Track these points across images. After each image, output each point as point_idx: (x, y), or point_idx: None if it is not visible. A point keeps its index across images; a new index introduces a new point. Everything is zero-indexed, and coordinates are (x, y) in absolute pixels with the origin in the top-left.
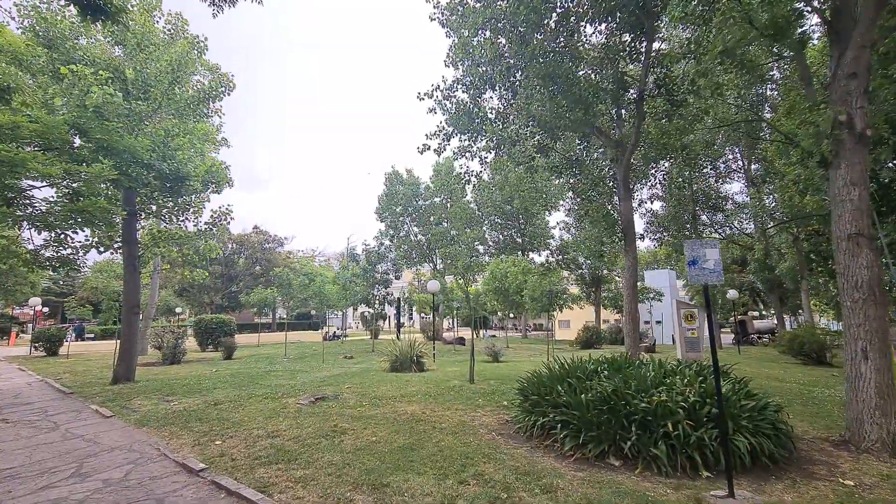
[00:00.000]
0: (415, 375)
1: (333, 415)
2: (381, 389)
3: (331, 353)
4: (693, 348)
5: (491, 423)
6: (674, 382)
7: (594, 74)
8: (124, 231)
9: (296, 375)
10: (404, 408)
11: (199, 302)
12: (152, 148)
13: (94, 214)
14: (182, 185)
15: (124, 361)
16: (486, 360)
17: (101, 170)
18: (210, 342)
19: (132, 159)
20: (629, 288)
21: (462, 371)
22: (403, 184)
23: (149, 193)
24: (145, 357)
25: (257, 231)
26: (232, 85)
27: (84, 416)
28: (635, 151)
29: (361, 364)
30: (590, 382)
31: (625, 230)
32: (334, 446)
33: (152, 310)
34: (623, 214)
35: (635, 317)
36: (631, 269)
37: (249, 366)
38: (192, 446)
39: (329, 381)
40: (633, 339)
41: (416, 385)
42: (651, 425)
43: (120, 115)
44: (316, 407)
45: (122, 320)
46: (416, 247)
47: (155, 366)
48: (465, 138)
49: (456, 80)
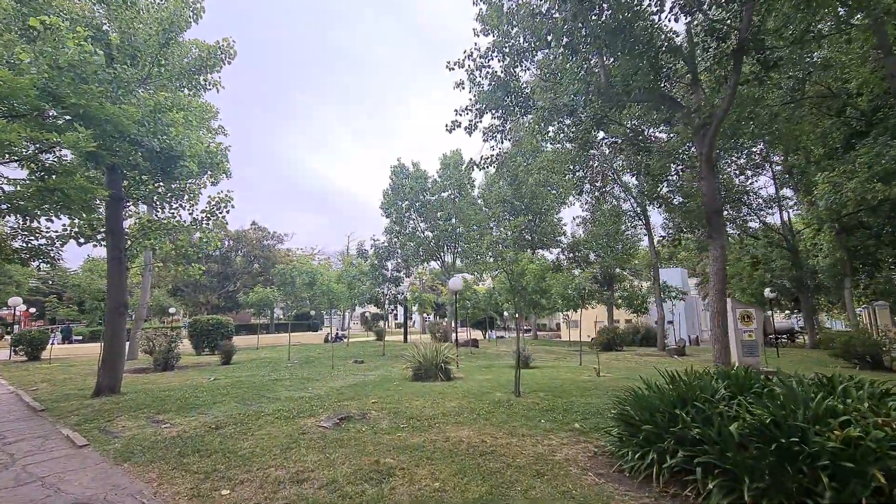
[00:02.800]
0: (445, 386)
1: (368, 443)
2: (413, 405)
3: (339, 358)
4: (750, 352)
5: (577, 456)
6: (854, 407)
7: (674, 22)
8: (108, 219)
9: (306, 385)
10: (455, 433)
11: (193, 302)
12: (140, 121)
13: (69, 196)
14: (175, 167)
15: (108, 370)
16: (514, 365)
17: (76, 139)
18: (206, 345)
19: (116, 132)
20: (718, 283)
21: (496, 379)
22: (409, 177)
23: (137, 176)
24: (135, 362)
25: (255, 227)
26: (232, 52)
27: (51, 444)
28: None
29: (376, 370)
30: (722, 407)
31: (709, 214)
32: (385, 498)
33: (143, 310)
34: (707, 196)
35: (725, 318)
36: (719, 262)
37: (251, 372)
38: (189, 498)
39: (347, 392)
40: (723, 344)
41: (452, 399)
42: (847, 475)
43: (101, 80)
44: (343, 431)
45: (105, 322)
46: (423, 243)
47: (145, 373)
48: (498, 115)
49: (492, 47)
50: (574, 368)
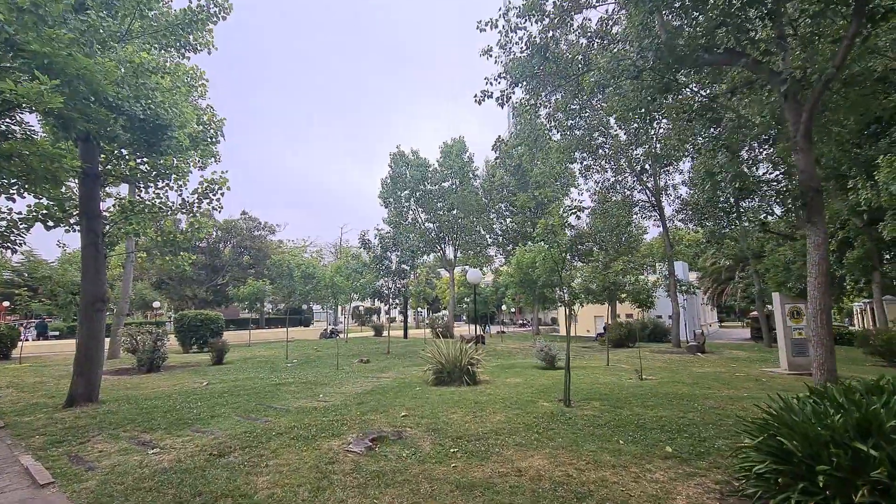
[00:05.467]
0: (475, 392)
1: (419, 479)
2: (452, 419)
3: (342, 356)
4: (801, 352)
5: (703, 499)
6: None
7: None
8: (82, 199)
9: (315, 390)
10: (523, 461)
11: (179, 295)
12: (120, 81)
13: (31, 166)
14: (162, 138)
15: (84, 375)
16: (539, 365)
17: (37, 91)
18: (195, 342)
19: (90, 92)
20: (820, 276)
21: (528, 384)
22: (410, 166)
23: (116, 150)
24: (117, 361)
25: (246, 217)
26: (228, 6)
27: (4, 482)
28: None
29: (388, 371)
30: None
31: (806, 195)
32: None
33: (125, 305)
34: (805, 173)
35: (830, 318)
36: (821, 249)
37: (248, 374)
38: None
39: (368, 401)
40: (828, 348)
41: (493, 410)
42: None
43: (73, 28)
44: (380, 458)
45: (80, 319)
46: (424, 234)
47: (128, 374)
48: (533, 86)
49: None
50: (604, 369)
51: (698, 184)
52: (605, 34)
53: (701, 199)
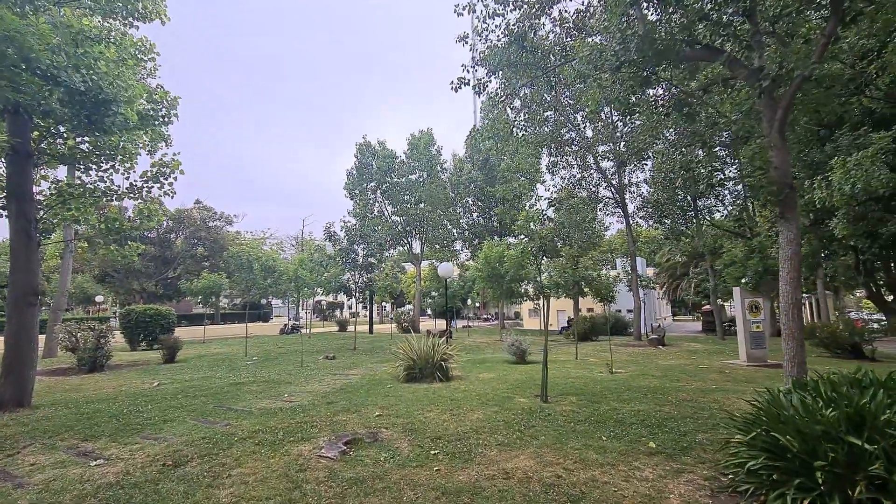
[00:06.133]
0: (449, 389)
1: (402, 485)
2: (428, 418)
3: (306, 353)
4: (759, 345)
5: (695, 497)
6: None
7: None
8: (10, 179)
9: (279, 390)
10: (509, 462)
11: (126, 289)
12: (56, 49)
13: None
14: (105, 115)
15: (13, 375)
16: (510, 360)
17: None
18: (143, 339)
19: (20, 58)
20: (793, 270)
21: (501, 378)
22: (376, 156)
23: (52, 126)
24: (54, 360)
25: (200, 206)
26: None
27: None
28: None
29: (356, 368)
30: None
31: (781, 191)
32: None
33: (63, 299)
34: (779, 170)
35: (800, 312)
36: (793, 245)
37: (204, 373)
38: None
39: (337, 400)
40: (799, 341)
41: (470, 408)
42: None
43: None
44: (357, 463)
45: (8, 314)
46: (391, 228)
47: (67, 374)
48: (509, 75)
49: None
50: (574, 363)
51: (667, 178)
52: (583, 27)
53: (662, 196)
